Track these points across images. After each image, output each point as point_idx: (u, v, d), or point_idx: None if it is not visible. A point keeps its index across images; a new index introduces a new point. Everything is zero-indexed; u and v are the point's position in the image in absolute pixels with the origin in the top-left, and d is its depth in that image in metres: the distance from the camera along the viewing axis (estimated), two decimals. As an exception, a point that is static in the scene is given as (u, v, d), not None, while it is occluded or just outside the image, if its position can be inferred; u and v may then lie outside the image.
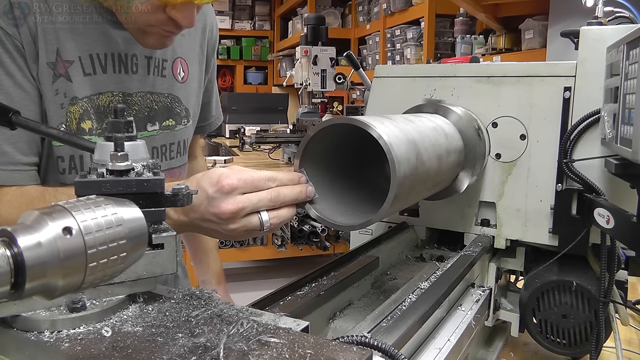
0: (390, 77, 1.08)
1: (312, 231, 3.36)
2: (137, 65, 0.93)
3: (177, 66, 1.02)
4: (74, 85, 0.85)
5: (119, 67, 0.91)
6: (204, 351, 0.39)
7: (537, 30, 2.76)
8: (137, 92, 0.95)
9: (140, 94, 0.95)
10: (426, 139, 0.75)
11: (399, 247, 1.03)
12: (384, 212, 0.66)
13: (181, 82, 1.03)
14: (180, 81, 1.02)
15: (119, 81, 0.91)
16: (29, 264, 0.34)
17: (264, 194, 0.68)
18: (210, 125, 1.26)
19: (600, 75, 0.81)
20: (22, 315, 0.44)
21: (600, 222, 0.78)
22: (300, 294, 0.73)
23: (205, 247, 1.36)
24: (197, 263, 1.36)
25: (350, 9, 5.23)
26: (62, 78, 0.84)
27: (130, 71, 0.92)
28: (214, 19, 1.17)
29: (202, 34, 1.10)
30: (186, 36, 1.03)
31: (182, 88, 1.03)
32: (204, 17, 1.11)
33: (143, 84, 0.95)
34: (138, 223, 0.41)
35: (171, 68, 1.00)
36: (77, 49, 0.85)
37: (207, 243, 1.36)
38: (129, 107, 0.93)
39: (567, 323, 0.86)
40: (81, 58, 0.86)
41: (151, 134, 0.98)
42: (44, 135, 0.74)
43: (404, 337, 0.59)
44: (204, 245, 1.35)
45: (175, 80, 1.01)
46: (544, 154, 0.92)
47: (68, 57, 0.85)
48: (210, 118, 1.24)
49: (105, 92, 0.90)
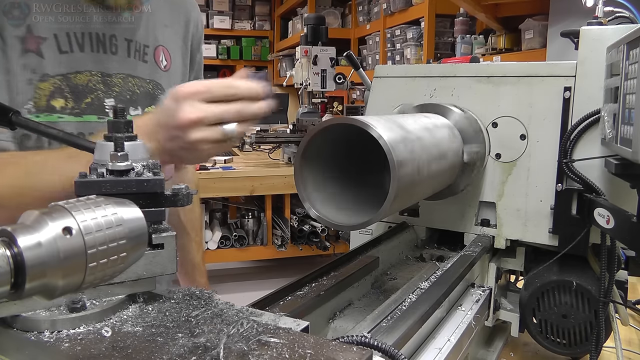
0: (390, 77, 1.08)
1: (312, 231, 3.36)
2: (116, 47, 0.92)
3: (160, 54, 1.01)
4: (45, 62, 0.84)
5: (97, 47, 0.89)
6: (204, 351, 0.39)
7: (537, 30, 2.76)
8: (117, 74, 0.93)
9: (121, 75, 0.94)
10: (426, 139, 0.75)
11: (399, 247, 1.03)
12: (384, 212, 0.66)
13: (164, 70, 1.02)
14: (162, 69, 1.01)
15: (97, 60, 0.90)
16: (29, 264, 0.34)
17: (230, 106, 0.67)
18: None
19: (600, 75, 0.81)
20: (22, 315, 0.44)
21: (600, 222, 0.78)
22: (300, 294, 0.73)
23: (192, 260, 1.35)
24: (183, 275, 1.36)
25: (350, 9, 5.23)
26: (32, 53, 0.83)
27: (110, 51, 0.91)
28: (199, 15, 1.15)
29: (186, 27, 1.09)
30: (169, 27, 1.02)
31: (165, 76, 1.02)
32: (188, 10, 1.10)
33: (123, 65, 0.94)
34: (138, 223, 0.41)
35: (153, 54, 0.99)
36: (52, 26, 0.84)
37: (194, 257, 1.35)
38: (109, 89, 0.92)
39: (567, 323, 0.86)
40: (57, 36, 0.85)
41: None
42: (44, 135, 0.73)
43: (404, 337, 0.59)
44: (191, 258, 1.35)
45: (157, 67, 1.00)
46: (544, 154, 0.92)
47: (40, 33, 0.83)
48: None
49: (83, 71, 0.88)
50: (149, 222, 0.44)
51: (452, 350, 0.69)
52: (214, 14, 6.50)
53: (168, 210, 0.50)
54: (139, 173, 0.48)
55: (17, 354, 0.41)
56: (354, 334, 0.50)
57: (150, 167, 0.50)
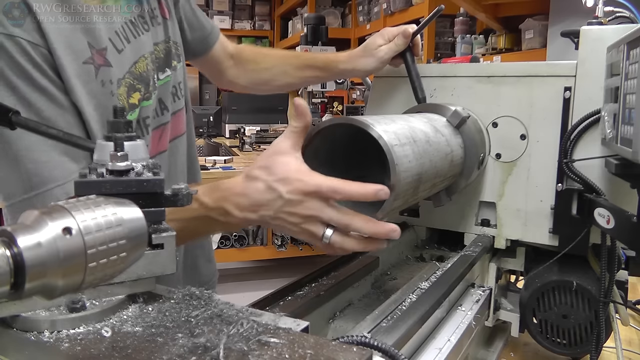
0: (390, 77, 1.08)
1: (312, 231, 3.36)
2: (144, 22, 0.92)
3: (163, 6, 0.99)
4: (114, 69, 0.82)
5: (135, 32, 0.89)
6: (204, 351, 0.39)
7: (537, 30, 2.76)
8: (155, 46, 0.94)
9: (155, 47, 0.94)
10: (426, 139, 0.75)
11: (399, 247, 1.03)
12: (384, 212, 0.66)
13: (169, 19, 1.01)
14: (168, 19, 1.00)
15: (140, 45, 0.89)
16: (29, 264, 0.34)
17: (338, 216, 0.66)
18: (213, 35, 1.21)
19: (600, 75, 0.81)
20: (22, 315, 0.44)
21: (601, 222, 0.78)
22: (300, 294, 0.73)
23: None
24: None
25: (350, 8, 5.23)
26: (103, 67, 0.80)
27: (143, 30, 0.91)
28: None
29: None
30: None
31: (170, 25, 1.01)
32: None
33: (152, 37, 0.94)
34: (138, 223, 0.41)
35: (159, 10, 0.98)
36: (105, 32, 0.82)
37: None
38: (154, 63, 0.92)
39: (567, 323, 0.86)
40: (111, 39, 0.83)
41: (165, 80, 0.97)
42: (44, 136, 0.73)
43: (404, 337, 0.59)
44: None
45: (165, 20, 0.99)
46: (544, 154, 0.92)
47: (101, 44, 0.81)
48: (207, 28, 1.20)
49: (138, 59, 0.88)
50: (149, 222, 0.44)
51: (452, 351, 0.69)
52: (214, 14, 6.50)
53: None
54: (138, 173, 0.48)
55: (16, 354, 0.41)
56: (354, 334, 0.49)
57: (150, 167, 0.50)
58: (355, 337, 0.49)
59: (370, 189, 0.63)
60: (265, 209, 0.68)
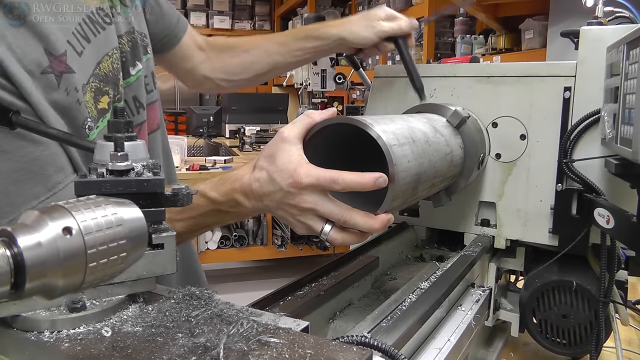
0: (390, 77, 1.08)
1: (312, 231, 3.36)
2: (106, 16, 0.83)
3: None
4: (76, 75, 0.73)
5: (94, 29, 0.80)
6: (204, 351, 0.39)
7: (537, 30, 2.76)
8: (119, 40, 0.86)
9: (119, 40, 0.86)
10: (425, 139, 0.75)
11: (399, 247, 1.03)
12: (382, 212, 0.66)
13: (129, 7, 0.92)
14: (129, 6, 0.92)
15: (103, 41, 0.81)
16: (29, 264, 0.34)
17: (336, 210, 0.66)
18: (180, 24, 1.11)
19: (600, 75, 0.81)
20: (22, 315, 0.44)
21: (600, 222, 0.78)
22: (300, 294, 0.73)
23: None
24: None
25: (350, 9, 5.23)
26: (65, 74, 0.71)
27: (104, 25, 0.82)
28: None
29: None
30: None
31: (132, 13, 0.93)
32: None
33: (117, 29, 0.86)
34: (138, 223, 0.41)
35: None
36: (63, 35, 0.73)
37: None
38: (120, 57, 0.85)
39: (567, 323, 0.86)
40: (69, 41, 0.74)
41: (138, 75, 0.91)
42: (45, 136, 0.72)
43: (404, 337, 0.59)
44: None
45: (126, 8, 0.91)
46: (544, 154, 0.92)
47: (59, 50, 0.71)
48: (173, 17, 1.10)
49: (101, 59, 0.80)
50: (149, 222, 0.44)
51: (452, 350, 0.69)
52: (214, 14, 6.50)
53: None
54: (139, 173, 0.48)
55: (17, 354, 0.41)
56: (354, 334, 0.50)
57: (150, 167, 0.50)
58: (355, 337, 0.49)
59: (369, 178, 0.63)
60: (268, 199, 0.69)
